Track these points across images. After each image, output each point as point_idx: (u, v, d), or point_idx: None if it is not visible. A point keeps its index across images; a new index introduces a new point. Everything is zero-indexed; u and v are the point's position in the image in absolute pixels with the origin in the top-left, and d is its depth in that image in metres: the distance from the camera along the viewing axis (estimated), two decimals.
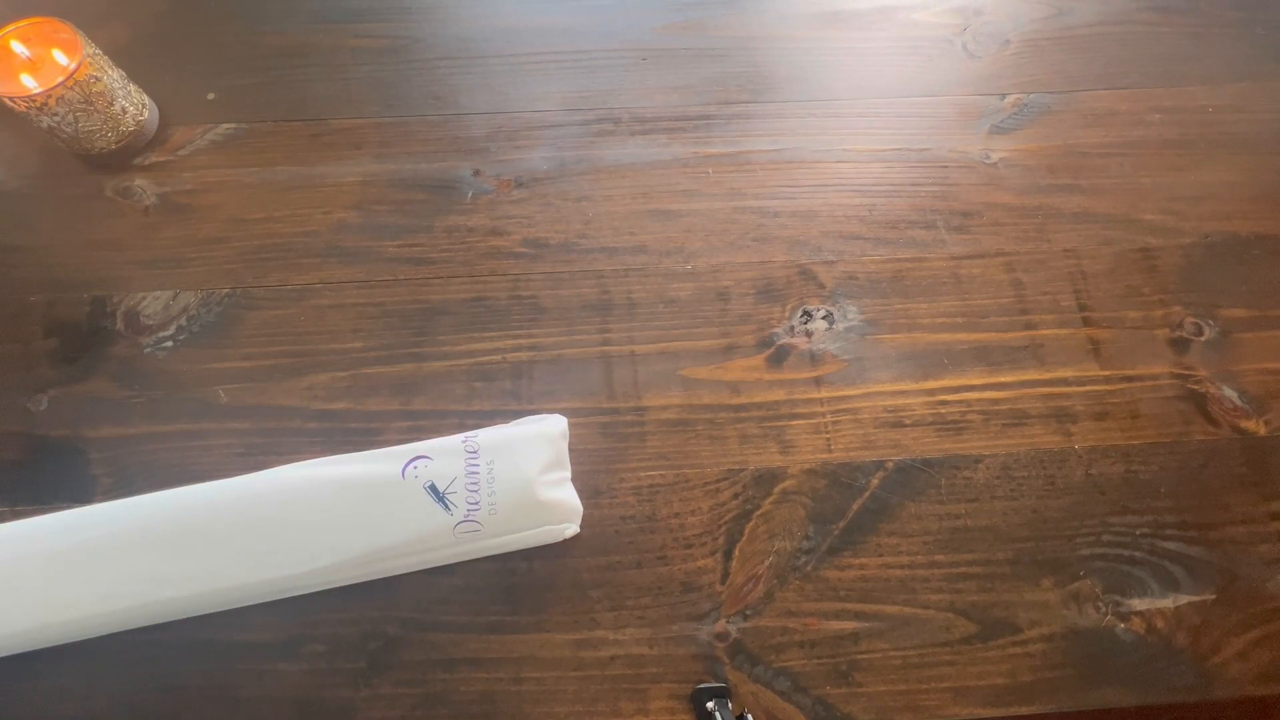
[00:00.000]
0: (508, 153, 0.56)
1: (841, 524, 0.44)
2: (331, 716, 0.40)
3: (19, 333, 0.49)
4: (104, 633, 0.40)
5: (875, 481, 0.45)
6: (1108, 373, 0.48)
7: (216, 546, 0.39)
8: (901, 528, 0.44)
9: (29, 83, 0.48)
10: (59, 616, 0.38)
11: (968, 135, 0.57)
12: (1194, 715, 0.41)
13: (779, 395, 0.47)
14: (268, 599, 0.40)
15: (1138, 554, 0.44)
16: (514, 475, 0.41)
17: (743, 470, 0.46)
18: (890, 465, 0.46)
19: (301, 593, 0.41)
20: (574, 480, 0.44)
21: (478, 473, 0.41)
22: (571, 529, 0.43)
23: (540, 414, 0.45)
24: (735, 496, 0.45)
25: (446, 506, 0.40)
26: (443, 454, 0.41)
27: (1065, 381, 0.48)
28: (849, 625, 0.42)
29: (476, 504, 0.40)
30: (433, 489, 0.40)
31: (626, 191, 0.54)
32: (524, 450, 0.42)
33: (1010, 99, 0.58)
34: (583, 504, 0.44)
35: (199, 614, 0.40)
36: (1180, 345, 0.49)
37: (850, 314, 0.50)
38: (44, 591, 0.38)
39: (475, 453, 0.41)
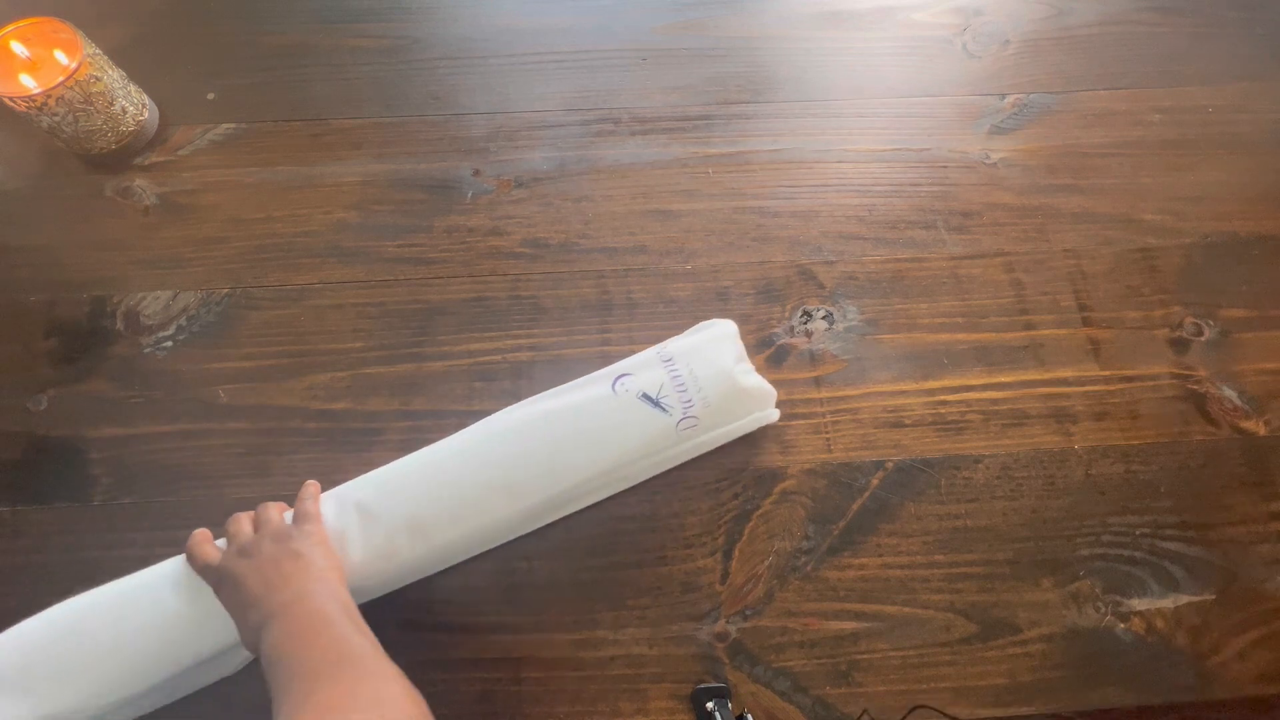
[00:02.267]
0: (508, 153, 0.56)
1: (841, 524, 0.44)
2: None
3: (19, 333, 0.49)
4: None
5: (875, 481, 0.45)
6: (1107, 373, 0.48)
7: (464, 493, 0.41)
8: (901, 528, 0.44)
9: (29, 83, 0.48)
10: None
11: (968, 135, 0.57)
12: (1194, 715, 0.41)
13: (779, 395, 0.47)
14: (522, 532, 0.43)
15: (1137, 554, 0.44)
16: (714, 371, 0.43)
17: (743, 470, 0.46)
18: (890, 465, 0.46)
19: (562, 515, 0.44)
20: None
21: (681, 376, 0.43)
22: (775, 414, 0.46)
23: (709, 320, 0.47)
24: (735, 496, 0.45)
25: (664, 409, 0.43)
26: (642, 368, 0.44)
27: (1065, 381, 0.48)
28: (849, 625, 0.42)
29: (690, 401, 0.43)
30: (646, 397, 0.43)
31: (626, 191, 0.54)
32: (713, 349, 0.44)
33: (1010, 99, 0.58)
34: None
35: (451, 564, 0.43)
36: (1180, 345, 0.49)
37: (850, 314, 0.50)
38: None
39: (671, 360, 0.44)
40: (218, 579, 0.37)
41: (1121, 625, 0.42)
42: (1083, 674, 0.41)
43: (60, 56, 0.49)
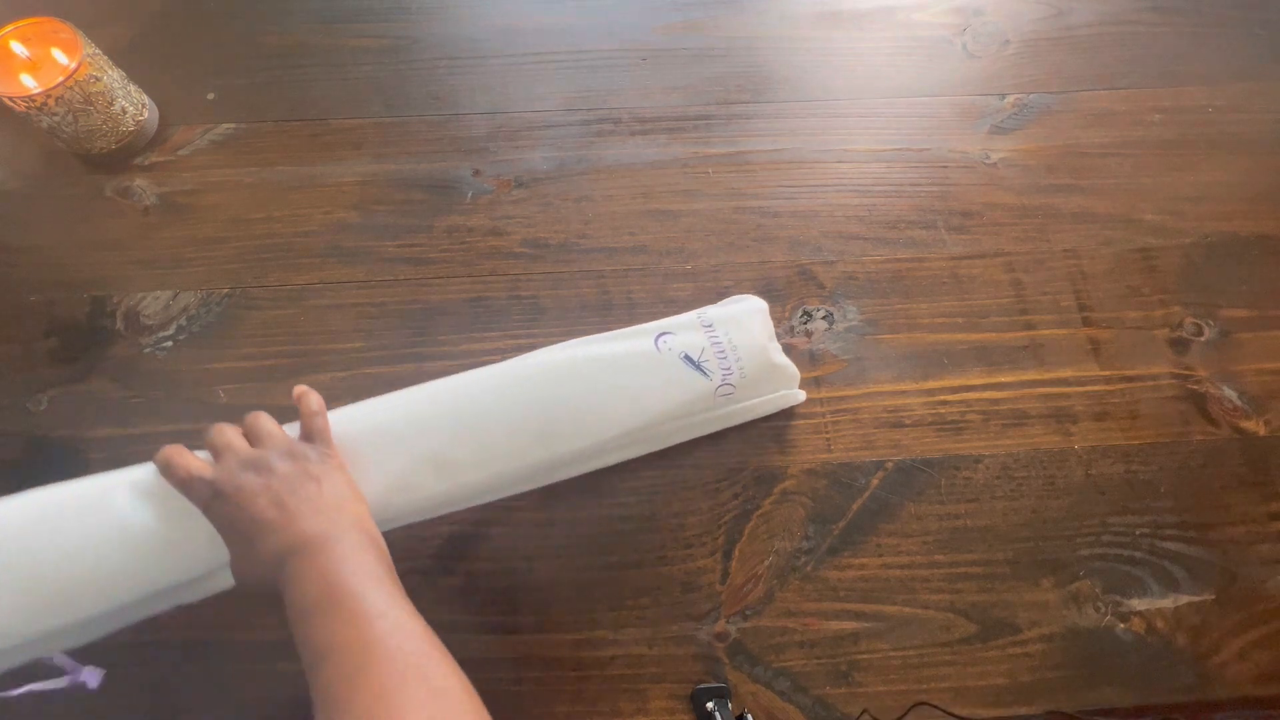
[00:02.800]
0: (507, 153, 0.56)
1: (841, 524, 0.44)
2: None
3: (19, 333, 0.49)
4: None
5: (875, 481, 0.45)
6: (1107, 373, 0.48)
7: (492, 429, 0.39)
8: (901, 528, 0.44)
9: (29, 83, 0.48)
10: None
11: (968, 135, 0.57)
12: (1194, 715, 0.41)
13: None
14: (550, 481, 0.42)
15: (1137, 554, 0.44)
16: (750, 343, 0.43)
17: (743, 470, 0.46)
18: (890, 465, 0.46)
19: (588, 469, 0.43)
20: (573, 480, 0.44)
21: (720, 343, 0.43)
22: (801, 395, 0.46)
23: (737, 295, 0.47)
24: (735, 496, 0.45)
25: (705, 373, 0.42)
26: (682, 329, 0.43)
27: (1065, 381, 0.48)
28: (849, 625, 0.42)
29: (729, 369, 0.42)
30: (688, 358, 0.42)
31: (626, 191, 0.54)
32: (749, 321, 0.44)
33: (1010, 99, 0.58)
34: (582, 504, 0.44)
35: (478, 503, 0.41)
36: (1180, 345, 0.49)
37: (850, 314, 0.50)
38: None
39: (711, 326, 0.43)
40: (211, 494, 0.32)
41: (1121, 625, 0.42)
42: (1083, 674, 0.41)
43: (60, 56, 0.49)
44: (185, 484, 0.33)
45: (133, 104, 0.54)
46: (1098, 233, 0.53)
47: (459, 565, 0.43)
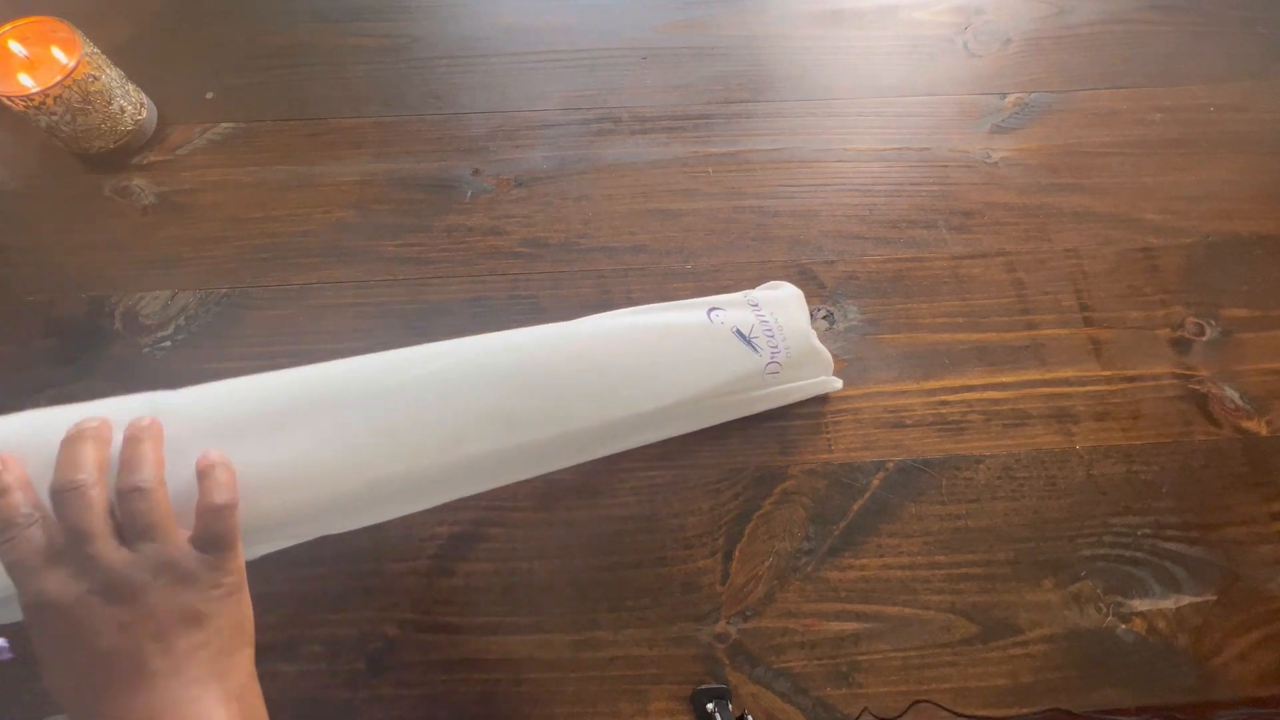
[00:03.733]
0: (507, 152, 0.56)
1: (842, 524, 0.44)
2: (331, 717, 0.40)
3: (17, 333, 0.49)
4: (451, 495, 0.36)
5: (876, 482, 0.45)
6: (1109, 373, 0.48)
7: (557, 386, 0.37)
8: (902, 528, 0.44)
9: (27, 82, 0.48)
10: (407, 465, 0.33)
11: (969, 134, 0.56)
12: (1195, 715, 0.41)
13: None
14: (599, 453, 0.40)
15: (1139, 555, 0.44)
16: (794, 325, 0.44)
17: (743, 470, 0.46)
18: (891, 465, 0.46)
19: (631, 446, 0.41)
20: (573, 479, 0.44)
21: (768, 322, 0.43)
22: (838, 382, 0.47)
23: (773, 282, 0.48)
24: (735, 497, 0.45)
25: (755, 349, 0.42)
26: (731, 306, 0.43)
27: (1066, 381, 0.48)
28: (849, 626, 0.42)
29: (776, 348, 0.43)
30: (739, 333, 0.42)
31: (626, 191, 0.54)
32: (792, 305, 0.45)
33: (1011, 98, 0.58)
34: (582, 505, 0.44)
35: (540, 471, 0.38)
36: (1182, 345, 0.49)
37: (851, 314, 0.50)
38: (387, 435, 0.33)
39: (758, 305, 0.44)
40: (40, 606, 0.23)
41: (1123, 626, 0.42)
42: (1084, 675, 0.41)
43: (58, 55, 0.49)
44: (13, 572, 0.24)
45: (131, 103, 0.53)
46: (1099, 232, 0.53)
47: (459, 565, 0.43)
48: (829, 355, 0.46)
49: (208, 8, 0.61)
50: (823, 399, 0.47)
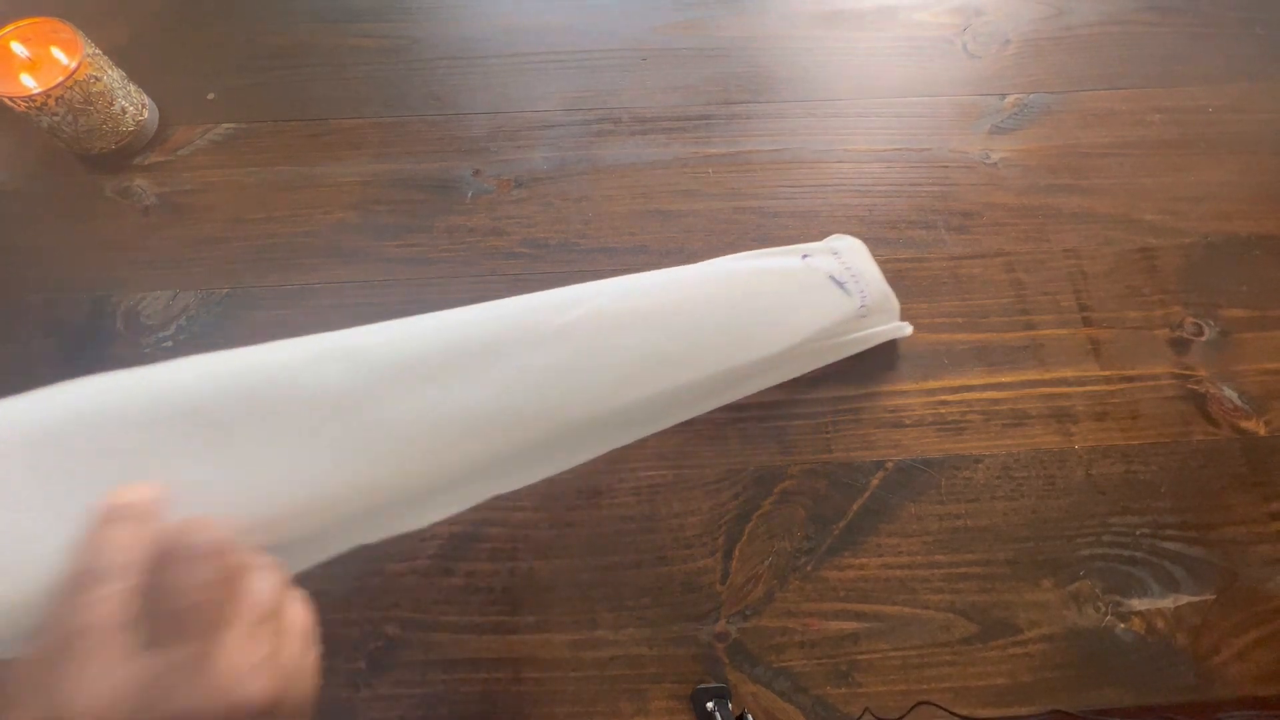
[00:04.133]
0: (508, 153, 0.56)
1: (841, 524, 0.44)
2: (331, 717, 0.40)
3: (18, 333, 0.49)
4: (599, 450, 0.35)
5: (875, 482, 0.45)
6: (1108, 373, 0.48)
7: (700, 327, 0.37)
8: (901, 528, 0.44)
9: (29, 82, 0.48)
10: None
11: (968, 135, 0.57)
12: (1194, 715, 0.41)
13: (779, 395, 0.47)
14: (712, 405, 0.40)
15: (1138, 554, 0.44)
16: (870, 271, 0.45)
17: (743, 470, 0.46)
18: (890, 465, 0.46)
19: (750, 393, 0.42)
20: (573, 479, 0.44)
21: (852, 268, 0.44)
22: (909, 328, 0.47)
23: (836, 235, 0.49)
24: (735, 497, 0.45)
25: (848, 293, 0.43)
26: (818, 252, 0.45)
27: (1065, 381, 0.48)
28: (849, 625, 0.42)
29: (863, 292, 0.44)
30: (833, 278, 0.43)
31: (626, 191, 0.54)
32: (861, 253, 0.47)
33: (1010, 99, 0.58)
34: (583, 504, 0.45)
35: (661, 425, 0.38)
36: (1180, 345, 0.49)
37: None
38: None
39: (838, 253, 0.45)
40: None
41: (1122, 625, 0.42)
42: (1083, 674, 0.41)
43: (60, 56, 0.49)
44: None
45: (133, 104, 0.54)
46: (1098, 233, 0.53)
47: (459, 565, 0.43)
48: (896, 301, 0.47)
49: (208, 8, 0.61)
50: (822, 399, 0.47)
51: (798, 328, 0.41)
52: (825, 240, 0.49)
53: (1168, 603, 0.43)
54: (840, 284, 0.43)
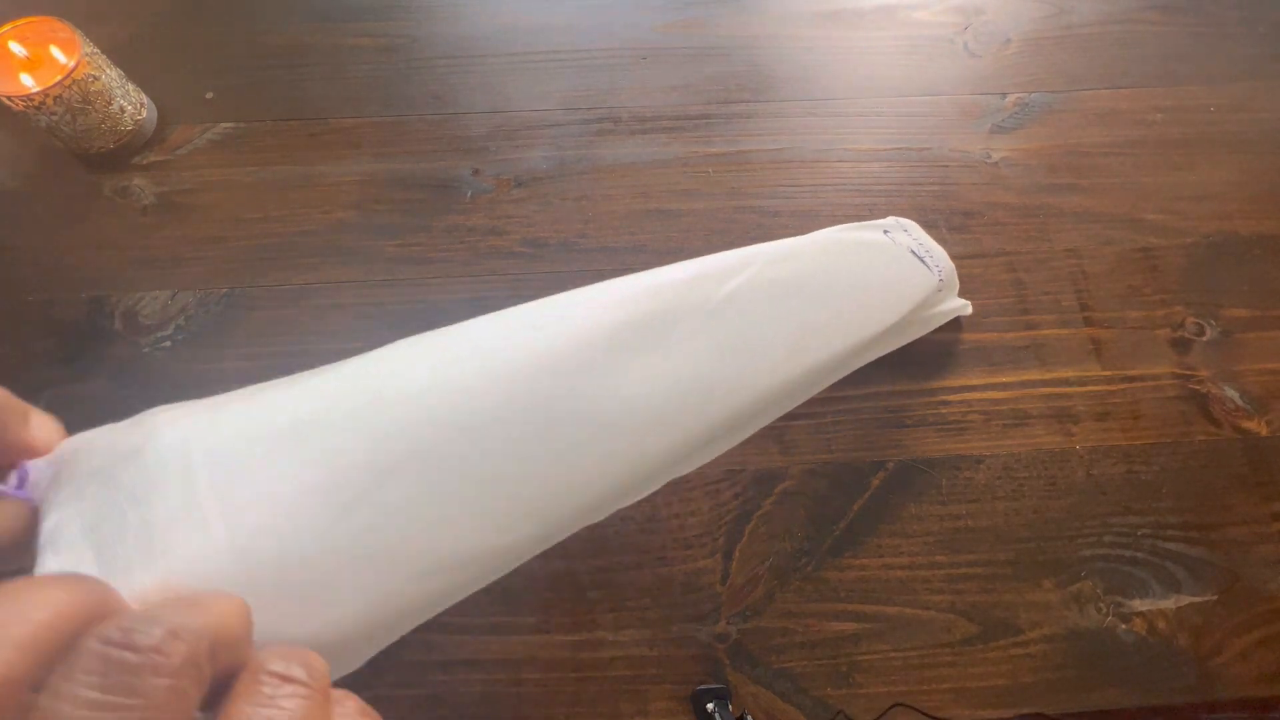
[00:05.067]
0: (507, 152, 0.56)
1: (842, 524, 0.44)
2: None
3: (16, 333, 0.49)
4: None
5: (876, 482, 0.45)
6: (1109, 373, 0.48)
7: (827, 302, 0.35)
8: (902, 528, 0.44)
9: (27, 82, 0.48)
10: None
11: (969, 134, 0.56)
12: (1195, 715, 0.41)
13: None
14: (811, 393, 0.36)
15: (1139, 555, 0.44)
16: (936, 247, 0.45)
17: (743, 470, 0.46)
18: (891, 465, 0.46)
19: (847, 372, 0.38)
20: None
21: (924, 244, 0.44)
22: (969, 306, 0.47)
23: (891, 217, 0.48)
24: (735, 497, 0.45)
25: (929, 267, 0.43)
26: (893, 229, 0.44)
27: (1066, 381, 0.48)
28: (849, 626, 0.42)
29: (939, 267, 0.43)
30: (913, 253, 0.42)
31: (626, 191, 0.54)
32: (920, 230, 0.46)
33: (1011, 98, 0.58)
34: None
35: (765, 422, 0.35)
36: (1182, 345, 0.49)
37: None
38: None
39: (908, 229, 0.45)
40: None
41: (1123, 626, 0.42)
42: (1084, 675, 0.41)
43: (58, 55, 0.49)
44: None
45: (131, 103, 0.53)
46: (1099, 232, 0.53)
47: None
48: (956, 279, 0.47)
49: (208, 8, 0.61)
50: (823, 398, 0.47)
51: (902, 299, 0.41)
52: (885, 219, 0.48)
53: (1169, 603, 0.43)
54: (921, 259, 0.43)
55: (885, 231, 0.44)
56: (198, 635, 0.14)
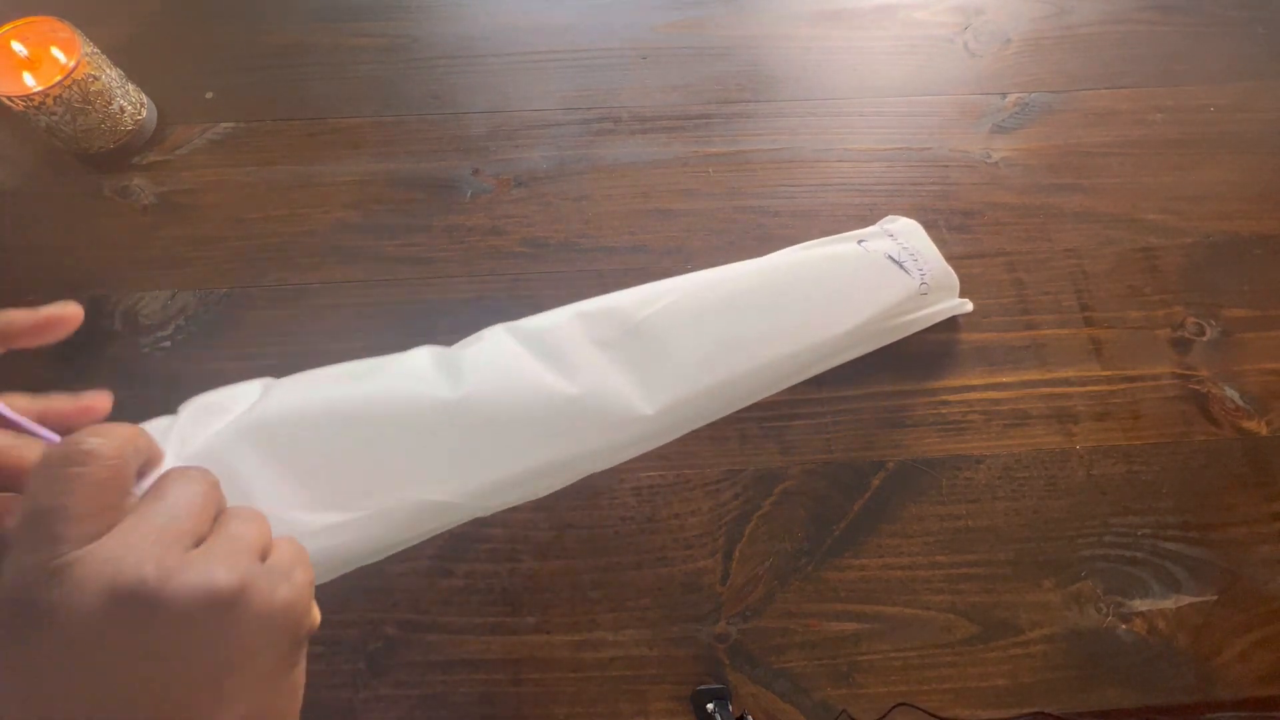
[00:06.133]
0: (507, 152, 0.56)
1: (842, 525, 0.44)
2: (331, 717, 0.40)
3: None
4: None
5: (876, 482, 0.45)
6: (1109, 373, 0.48)
7: (760, 313, 0.41)
8: (902, 528, 0.44)
9: (27, 81, 0.48)
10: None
11: (969, 134, 0.56)
12: (1195, 716, 0.41)
13: (779, 395, 0.46)
14: (777, 389, 0.43)
15: (1139, 555, 0.44)
16: (927, 250, 0.46)
17: (743, 470, 0.46)
18: (891, 465, 0.46)
19: (817, 372, 0.44)
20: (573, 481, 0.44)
21: (909, 248, 0.46)
22: (969, 304, 0.48)
23: (890, 216, 0.50)
24: (735, 497, 0.45)
25: (908, 272, 0.45)
26: (874, 237, 0.47)
27: (1067, 381, 0.48)
28: (849, 626, 0.42)
29: (923, 270, 0.45)
30: (891, 258, 0.44)
31: (626, 191, 0.54)
32: (918, 233, 0.47)
33: (1011, 98, 0.58)
34: (582, 504, 0.44)
35: (728, 411, 0.42)
36: (1182, 345, 0.49)
37: None
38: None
39: (894, 235, 0.47)
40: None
41: (1123, 626, 0.42)
42: (1084, 675, 0.41)
43: (58, 55, 0.49)
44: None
45: (131, 103, 0.53)
46: (1099, 232, 0.53)
47: (459, 565, 0.43)
48: (955, 277, 0.47)
49: (208, 8, 0.61)
50: (823, 399, 0.47)
51: (860, 307, 0.43)
52: (879, 223, 0.50)
53: (1169, 603, 0.43)
54: (899, 264, 0.45)
55: (860, 241, 0.46)
56: (118, 442, 0.22)
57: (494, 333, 0.39)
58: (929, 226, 0.53)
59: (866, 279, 0.44)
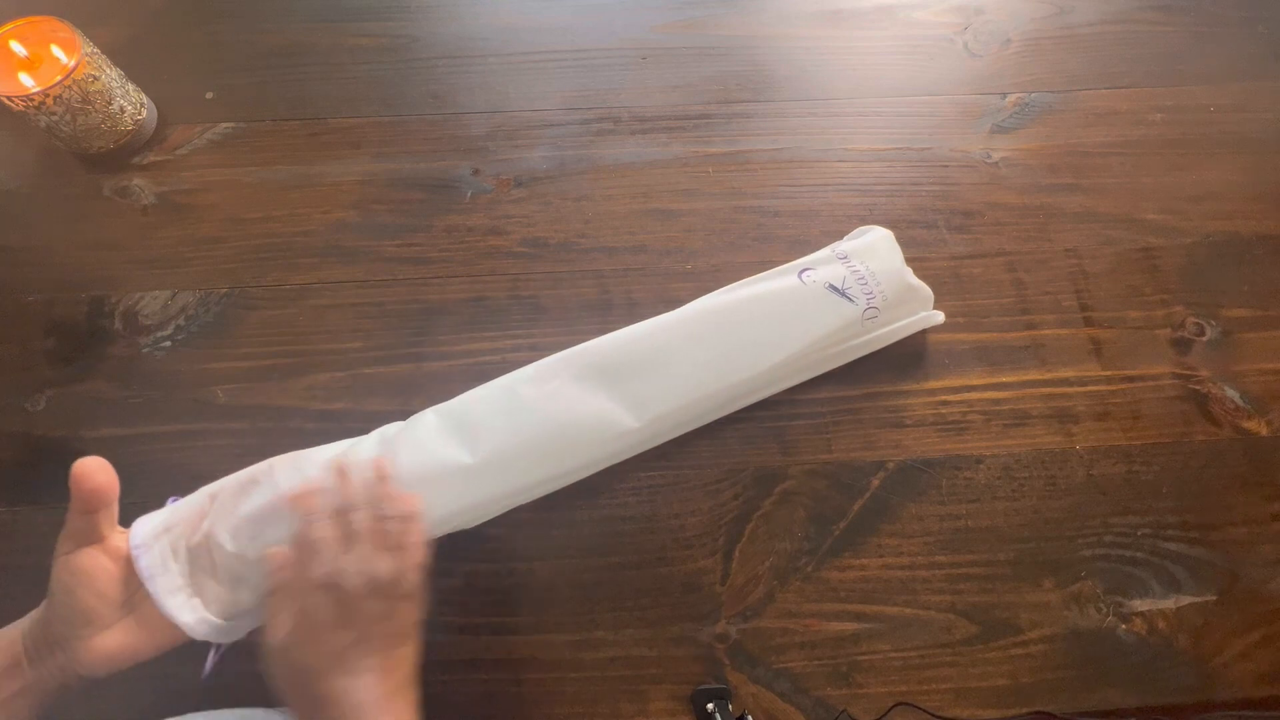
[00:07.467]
0: (507, 152, 0.56)
1: (842, 525, 0.44)
2: None
3: (17, 332, 0.49)
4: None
5: (876, 482, 0.45)
6: (1109, 373, 0.48)
7: (671, 364, 0.43)
8: (902, 528, 0.44)
9: (27, 81, 0.48)
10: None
11: (969, 134, 0.56)
12: (1195, 716, 0.41)
13: (779, 395, 0.46)
14: (724, 411, 0.46)
15: (1139, 555, 0.44)
16: (887, 269, 0.46)
17: (743, 470, 0.46)
18: (891, 466, 0.46)
19: (753, 400, 0.46)
20: (573, 482, 0.44)
21: (860, 271, 0.46)
22: (940, 316, 0.48)
23: (863, 227, 0.50)
24: (735, 497, 0.45)
25: (850, 299, 0.45)
26: (821, 264, 0.47)
27: (1066, 381, 0.48)
28: (849, 626, 0.42)
29: (871, 294, 0.45)
30: (832, 287, 0.45)
31: (626, 191, 0.54)
32: (882, 249, 0.47)
33: (1011, 98, 0.58)
34: (582, 505, 0.44)
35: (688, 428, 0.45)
36: (1182, 345, 0.49)
37: None
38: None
39: (846, 257, 0.47)
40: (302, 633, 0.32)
41: (1123, 626, 0.42)
42: (1084, 675, 0.41)
43: (59, 55, 0.49)
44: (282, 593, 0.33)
45: (131, 103, 0.53)
46: (1099, 232, 0.53)
47: (459, 565, 0.43)
48: (927, 290, 0.47)
49: (208, 8, 0.61)
50: (823, 399, 0.47)
51: (796, 337, 0.44)
52: (844, 239, 0.50)
53: (1169, 603, 0.43)
54: (841, 292, 0.45)
55: (803, 272, 0.46)
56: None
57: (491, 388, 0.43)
58: (929, 227, 0.53)
59: (801, 311, 0.45)
